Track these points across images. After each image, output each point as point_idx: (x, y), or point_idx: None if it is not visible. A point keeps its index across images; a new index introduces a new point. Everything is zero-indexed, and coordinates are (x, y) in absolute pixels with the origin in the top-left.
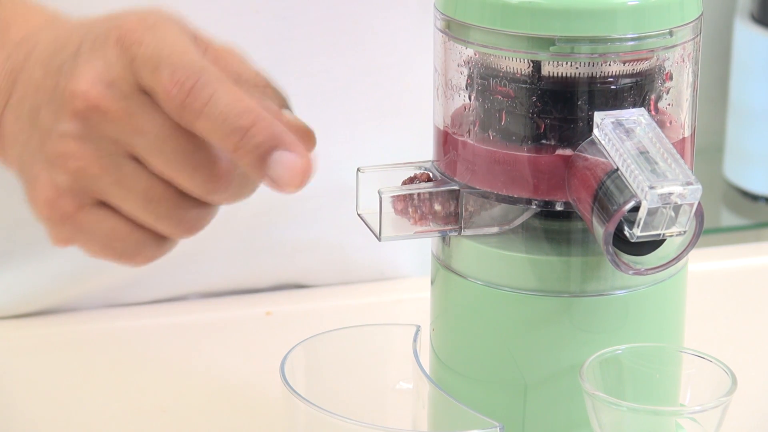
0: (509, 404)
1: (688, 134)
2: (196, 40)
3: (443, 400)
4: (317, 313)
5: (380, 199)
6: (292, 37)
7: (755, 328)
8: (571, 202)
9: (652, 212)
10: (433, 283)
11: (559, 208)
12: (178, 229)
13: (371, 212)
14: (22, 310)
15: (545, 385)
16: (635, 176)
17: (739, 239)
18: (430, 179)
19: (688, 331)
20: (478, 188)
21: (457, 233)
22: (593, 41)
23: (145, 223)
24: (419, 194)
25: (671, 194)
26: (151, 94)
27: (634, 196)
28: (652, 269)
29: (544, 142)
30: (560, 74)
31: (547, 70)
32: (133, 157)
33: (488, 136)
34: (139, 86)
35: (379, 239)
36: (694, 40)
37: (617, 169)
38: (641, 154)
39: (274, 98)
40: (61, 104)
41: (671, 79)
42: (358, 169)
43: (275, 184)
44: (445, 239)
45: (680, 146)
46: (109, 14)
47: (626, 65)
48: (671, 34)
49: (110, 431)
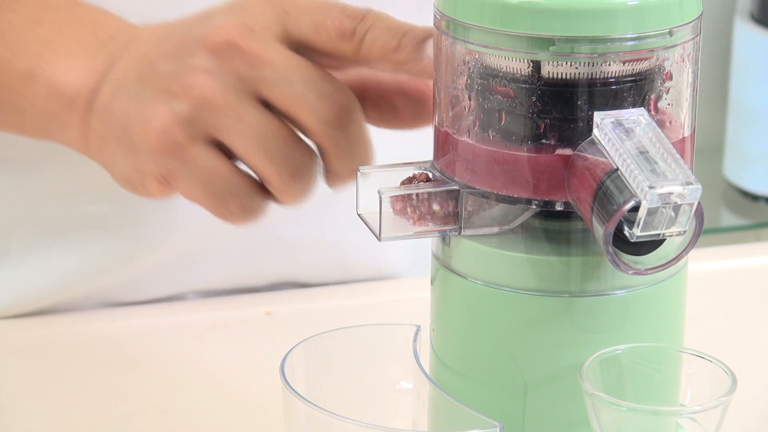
0: (509, 404)
1: (688, 134)
2: None
3: (443, 400)
4: (317, 313)
5: (380, 199)
6: None
7: (755, 328)
8: (571, 202)
9: (651, 212)
10: (433, 283)
11: (559, 208)
12: (283, 172)
13: (371, 212)
14: (21, 310)
15: (545, 385)
16: (635, 176)
17: (739, 239)
18: (429, 179)
19: (688, 331)
20: (477, 188)
21: (457, 233)
22: (593, 41)
23: (254, 163)
24: (418, 194)
25: (671, 194)
26: (306, 40)
27: (633, 196)
28: (652, 269)
29: (544, 142)
30: (560, 74)
31: (546, 70)
32: (256, 99)
33: (488, 136)
34: (283, 38)
35: (379, 239)
36: (694, 40)
37: (617, 169)
38: (641, 154)
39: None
40: (193, 46)
41: (671, 79)
42: (358, 169)
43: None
44: (445, 239)
45: (680, 146)
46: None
47: (626, 65)
48: (671, 34)
49: (110, 431)
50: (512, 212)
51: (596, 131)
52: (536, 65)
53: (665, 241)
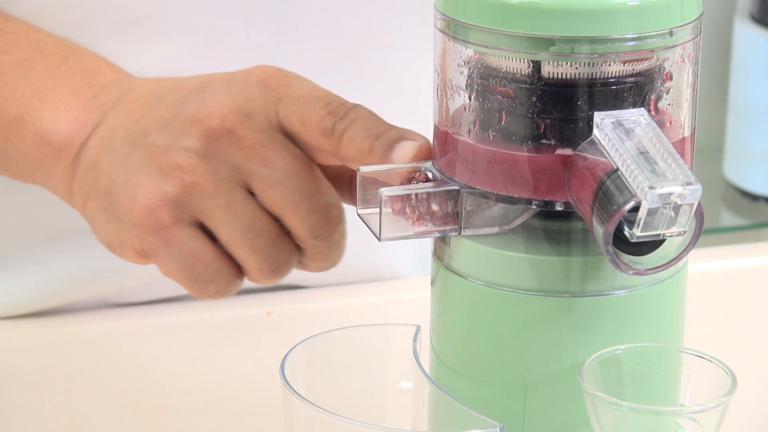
0: (509, 404)
1: (688, 134)
2: None
3: (443, 400)
4: (317, 313)
5: (380, 199)
6: (285, 41)
7: (755, 328)
8: (571, 202)
9: (652, 212)
10: (433, 283)
11: (559, 208)
12: (264, 266)
13: (371, 212)
14: (21, 311)
15: (545, 385)
16: (635, 176)
17: (739, 239)
18: (428, 179)
19: (688, 331)
20: (478, 188)
21: (457, 233)
22: (593, 41)
23: (237, 253)
24: (417, 194)
25: (671, 194)
26: (293, 131)
27: (634, 196)
28: (652, 269)
29: (544, 142)
30: (560, 74)
31: (547, 70)
32: (245, 188)
33: (488, 136)
34: (277, 125)
35: (379, 239)
36: (694, 40)
37: (617, 169)
38: (641, 154)
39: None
40: (188, 124)
41: (671, 79)
42: (358, 169)
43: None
44: (445, 239)
45: (680, 146)
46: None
47: (626, 65)
48: (671, 34)
49: (110, 431)
50: (512, 212)
51: (596, 131)
52: (536, 65)
53: (665, 241)
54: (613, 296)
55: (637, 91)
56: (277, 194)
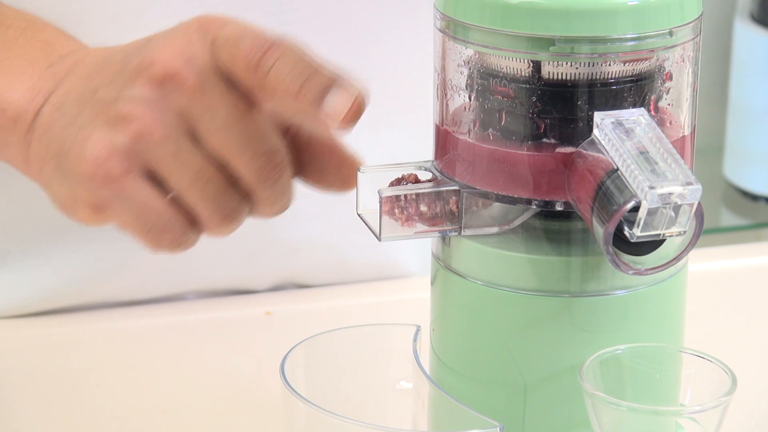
0: (509, 404)
1: (688, 134)
2: None
3: (443, 400)
4: (317, 313)
5: (380, 199)
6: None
7: (755, 328)
8: (571, 202)
9: (652, 212)
10: (433, 283)
11: (559, 208)
12: (215, 214)
13: (371, 212)
14: (22, 310)
15: (545, 385)
16: (635, 176)
17: (739, 239)
18: (418, 180)
19: (688, 331)
20: (478, 188)
21: (457, 233)
22: (593, 41)
23: (187, 201)
24: (406, 195)
25: (671, 194)
26: (227, 70)
27: (634, 196)
28: (652, 269)
29: (544, 142)
30: (560, 74)
31: (547, 70)
32: (192, 136)
33: (488, 135)
34: (216, 67)
35: (379, 239)
36: (694, 40)
37: (617, 169)
38: (641, 154)
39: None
40: (133, 74)
41: (671, 79)
42: (358, 168)
43: (331, 118)
44: (445, 239)
45: (680, 146)
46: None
47: (626, 65)
48: (671, 34)
49: (110, 431)
50: (512, 212)
51: (596, 131)
52: (536, 65)
53: (665, 241)
54: (613, 296)
55: (637, 91)
56: (220, 140)
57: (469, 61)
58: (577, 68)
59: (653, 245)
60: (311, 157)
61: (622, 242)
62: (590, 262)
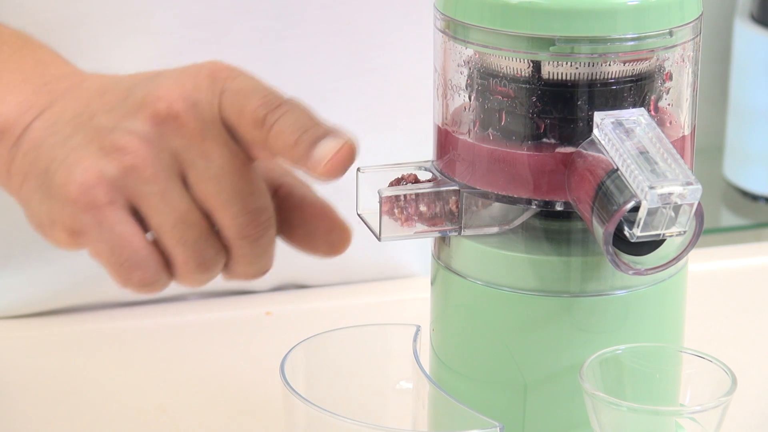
0: (509, 404)
1: (687, 134)
2: None
3: (443, 400)
4: (317, 313)
5: (380, 199)
6: (286, 36)
7: (755, 328)
8: (571, 202)
9: (652, 212)
10: (433, 283)
11: (559, 208)
12: (191, 260)
13: (371, 212)
14: (23, 311)
15: (545, 385)
16: (635, 176)
17: (739, 239)
18: (417, 180)
19: (688, 331)
20: (478, 188)
21: (457, 233)
22: (593, 41)
23: (165, 242)
24: (406, 195)
25: (671, 194)
26: (231, 122)
27: (634, 196)
28: (652, 269)
29: (544, 141)
30: (560, 74)
31: (547, 70)
32: (182, 180)
33: (488, 135)
34: (220, 117)
35: (378, 239)
36: (694, 40)
37: (617, 169)
38: (641, 154)
39: None
40: (135, 107)
41: (671, 79)
42: (357, 169)
43: (317, 162)
44: (445, 239)
45: (680, 146)
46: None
47: (626, 65)
48: (671, 34)
49: (110, 431)
50: (512, 212)
51: (596, 131)
52: (536, 65)
53: (665, 241)
54: (613, 296)
55: (637, 91)
56: (210, 189)
57: (469, 61)
58: (577, 68)
59: (653, 245)
60: (301, 220)
61: (622, 242)
62: (590, 262)
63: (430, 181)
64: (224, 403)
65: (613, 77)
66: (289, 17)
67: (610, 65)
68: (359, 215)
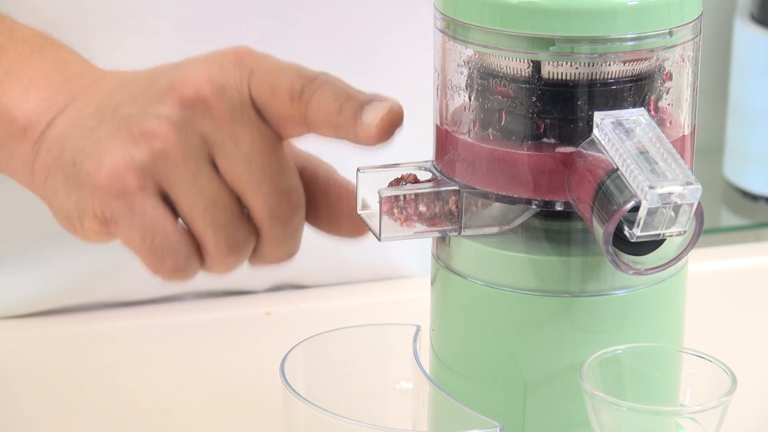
0: (509, 404)
1: (687, 134)
2: None
3: (443, 400)
4: (317, 313)
5: (380, 199)
6: (284, 36)
7: (755, 328)
8: (571, 202)
9: (652, 212)
10: (433, 283)
11: (559, 208)
12: (222, 244)
13: (371, 212)
14: (21, 311)
15: (545, 385)
16: (635, 176)
17: (739, 239)
18: (417, 180)
19: (688, 331)
20: (478, 188)
21: (457, 233)
22: (593, 41)
23: (197, 227)
24: (405, 195)
25: (671, 194)
26: (263, 102)
27: (634, 196)
28: (652, 269)
29: (544, 141)
30: (560, 74)
31: (546, 70)
32: (212, 163)
33: (488, 135)
34: (249, 98)
35: (379, 239)
36: (694, 40)
37: (617, 169)
38: (641, 154)
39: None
40: (162, 93)
41: (671, 79)
42: (358, 169)
43: (367, 127)
44: (445, 239)
45: (680, 146)
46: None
47: (626, 65)
48: (671, 34)
49: (110, 431)
50: (512, 212)
51: (596, 131)
52: (536, 65)
53: (665, 241)
54: (613, 296)
55: (637, 91)
56: (240, 171)
57: (469, 61)
58: (577, 68)
59: (653, 245)
60: (326, 201)
61: (622, 242)
62: (590, 262)
63: (429, 181)
64: (224, 403)
65: (613, 77)
66: (286, 18)
67: (610, 65)
68: (359, 216)
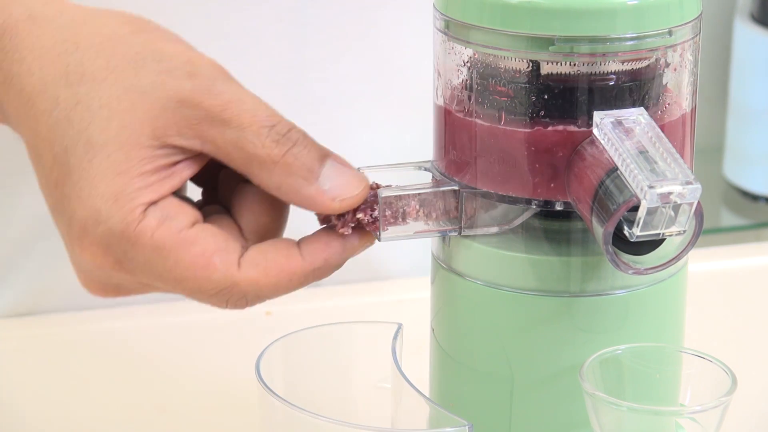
0: (509, 404)
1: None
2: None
3: (419, 398)
4: (317, 313)
5: (380, 199)
6: (283, 36)
7: (755, 328)
8: (571, 202)
9: (651, 212)
10: (433, 283)
11: (559, 208)
12: None
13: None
14: (21, 311)
15: (545, 385)
16: (635, 176)
17: (739, 239)
18: (377, 187)
19: (688, 331)
20: (478, 188)
21: (457, 233)
22: (593, 41)
23: None
24: (405, 196)
25: (671, 194)
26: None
27: (633, 195)
28: (651, 269)
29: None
30: (560, 74)
31: (546, 69)
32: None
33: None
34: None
35: (379, 239)
36: (693, 39)
37: (617, 168)
38: (641, 153)
39: None
40: (70, 241)
41: (671, 78)
42: (357, 168)
43: (331, 196)
44: (445, 239)
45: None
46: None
47: (626, 65)
48: (671, 33)
49: (110, 431)
50: (512, 212)
51: (596, 131)
52: (536, 65)
53: (665, 240)
54: (613, 296)
55: (636, 90)
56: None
57: (469, 61)
58: (576, 68)
59: (653, 245)
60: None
61: (621, 242)
62: (590, 262)
63: (430, 181)
64: (224, 403)
65: (612, 77)
66: (285, 18)
67: (609, 65)
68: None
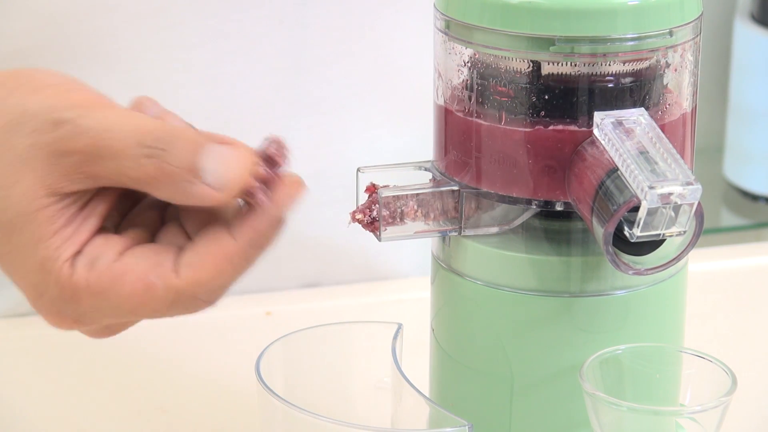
0: (509, 404)
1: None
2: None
3: (420, 398)
4: (317, 313)
5: (380, 199)
6: (282, 37)
7: (755, 328)
8: (571, 202)
9: (651, 212)
10: (433, 283)
11: (559, 208)
12: None
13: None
14: (21, 311)
15: (545, 385)
16: (635, 176)
17: (739, 239)
18: (375, 188)
19: (688, 331)
20: (478, 188)
21: (457, 233)
22: (593, 41)
23: None
24: (405, 196)
25: (671, 194)
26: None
27: (633, 196)
28: (652, 269)
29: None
30: (560, 74)
31: (547, 70)
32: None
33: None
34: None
35: (379, 239)
36: (694, 40)
37: (617, 169)
38: (641, 154)
39: None
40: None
41: (671, 79)
42: (358, 169)
43: (217, 187)
44: (445, 239)
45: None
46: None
47: (626, 65)
48: (671, 34)
49: (110, 431)
50: (512, 212)
51: (596, 131)
52: (536, 65)
53: (665, 241)
54: (613, 296)
55: (637, 91)
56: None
57: (469, 61)
58: (577, 68)
59: (653, 245)
60: None
61: (622, 242)
62: (590, 262)
63: (430, 181)
64: (224, 403)
65: (612, 77)
66: (285, 19)
67: (610, 65)
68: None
